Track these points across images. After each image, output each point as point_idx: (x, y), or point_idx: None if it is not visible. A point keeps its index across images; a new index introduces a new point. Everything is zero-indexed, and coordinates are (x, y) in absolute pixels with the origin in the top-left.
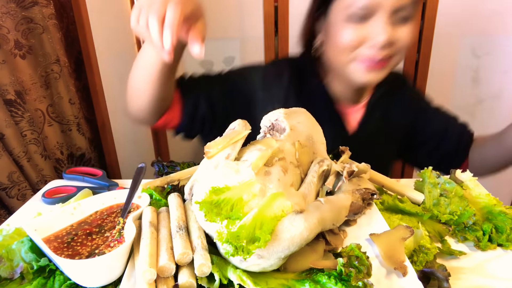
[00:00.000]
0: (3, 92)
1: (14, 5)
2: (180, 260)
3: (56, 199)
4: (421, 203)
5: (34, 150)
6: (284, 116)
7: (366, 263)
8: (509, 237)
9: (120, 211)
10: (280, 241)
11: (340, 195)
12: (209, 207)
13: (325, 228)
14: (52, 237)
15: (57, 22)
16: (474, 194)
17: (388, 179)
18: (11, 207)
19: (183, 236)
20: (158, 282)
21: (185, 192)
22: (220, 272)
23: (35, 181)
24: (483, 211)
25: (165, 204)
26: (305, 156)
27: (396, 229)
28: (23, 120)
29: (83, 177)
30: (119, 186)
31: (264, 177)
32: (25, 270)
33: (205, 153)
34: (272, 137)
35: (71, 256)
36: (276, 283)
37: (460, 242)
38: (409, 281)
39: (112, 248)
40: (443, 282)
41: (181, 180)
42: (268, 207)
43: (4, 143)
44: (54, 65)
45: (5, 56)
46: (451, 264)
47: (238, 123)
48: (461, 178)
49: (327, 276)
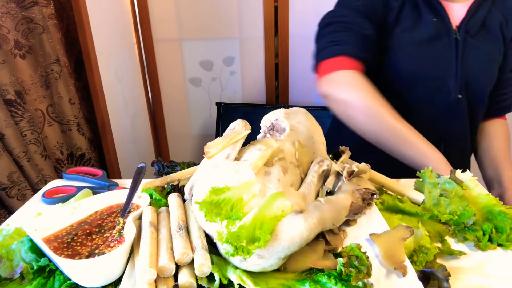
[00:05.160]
0: (3, 92)
1: (14, 5)
2: (180, 260)
3: (56, 199)
4: (421, 203)
5: (34, 150)
6: (284, 116)
7: (366, 263)
8: (509, 237)
9: (120, 211)
10: (280, 241)
11: (340, 195)
12: (209, 207)
13: (325, 228)
14: (52, 237)
15: (57, 22)
16: (474, 194)
17: (388, 179)
18: (11, 207)
19: (183, 236)
20: (158, 282)
21: (185, 192)
22: (220, 272)
23: (35, 181)
24: (483, 211)
25: (165, 204)
26: (305, 156)
27: (396, 229)
28: (23, 120)
29: (83, 177)
30: (119, 186)
31: (264, 177)
32: (25, 270)
33: (205, 153)
34: (272, 137)
35: (71, 256)
36: (276, 283)
37: (460, 242)
38: (409, 281)
39: (112, 248)
40: (443, 282)
41: (181, 180)
42: (268, 207)
43: (4, 143)
44: (54, 65)
45: (5, 56)
46: (451, 264)
47: (238, 123)
48: (461, 178)
49: (327, 276)
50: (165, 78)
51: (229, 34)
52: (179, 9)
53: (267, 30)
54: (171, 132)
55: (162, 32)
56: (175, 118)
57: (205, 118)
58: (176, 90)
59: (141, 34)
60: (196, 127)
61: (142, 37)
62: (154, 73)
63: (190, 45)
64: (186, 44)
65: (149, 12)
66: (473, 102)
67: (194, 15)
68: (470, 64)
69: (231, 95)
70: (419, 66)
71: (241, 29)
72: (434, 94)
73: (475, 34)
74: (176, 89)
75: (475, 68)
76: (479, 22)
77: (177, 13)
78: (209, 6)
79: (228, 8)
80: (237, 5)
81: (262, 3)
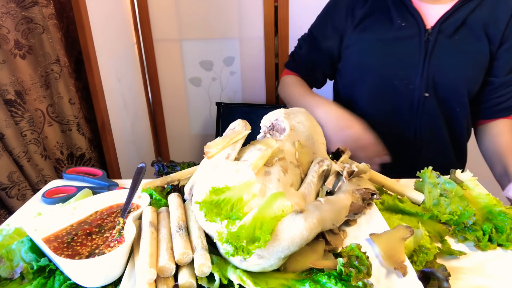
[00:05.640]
0: (3, 92)
1: (14, 5)
2: (180, 260)
3: (56, 199)
4: (421, 203)
5: (34, 150)
6: (284, 116)
7: (366, 263)
8: (509, 237)
9: (120, 211)
10: (280, 241)
11: (340, 195)
12: (209, 207)
13: (325, 228)
14: (52, 237)
15: (57, 22)
16: (474, 194)
17: (388, 179)
18: (11, 207)
19: (183, 236)
20: (158, 282)
21: (185, 192)
22: (220, 272)
23: (35, 181)
24: (483, 211)
25: (165, 204)
26: (305, 156)
27: (396, 229)
28: (23, 120)
29: (83, 177)
30: (119, 186)
31: (264, 177)
32: (25, 270)
33: (205, 153)
34: (272, 137)
35: (71, 256)
36: (276, 283)
37: (460, 242)
38: (409, 281)
39: (112, 248)
40: (443, 282)
41: (181, 180)
42: (268, 207)
43: (4, 143)
44: (54, 65)
45: (5, 56)
46: (451, 264)
47: (238, 123)
48: (461, 178)
49: (327, 276)
50: (165, 78)
51: (229, 34)
52: (179, 9)
53: (267, 30)
54: (171, 132)
55: (162, 32)
56: (175, 118)
57: (205, 118)
58: (176, 90)
59: (141, 34)
60: (196, 127)
61: (142, 37)
62: (154, 73)
63: (190, 45)
64: (186, 44)
65: (149, 12)
66: (445, 101)
67: (194, 15)
68: (439, 63)
69: (231, 95)
70: (385, 66)
71: (241, 29)
72: (401, 92)
73: (452, 34)
74: (176, 89)
75: (446, 67)
76: (459, 22)
77: (177, 13)
78: (209, 6)
79: (228, 8)
80: (237, 5)
81: (262, 3)
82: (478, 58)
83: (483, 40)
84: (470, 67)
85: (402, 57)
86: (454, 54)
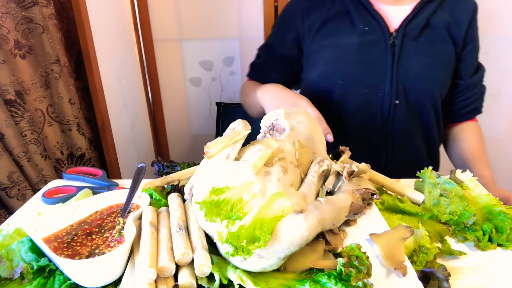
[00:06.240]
0: (3, 92)
1: (14, 5)
2: (180, 260)
3: (56, 199)
4: (421, 203)
5: (34, 150)
6: (284, 116)
7: (366, 263)
8: (509, 237)
9: (120, 211)
10: (280, 241)
11: (340, 195)
12: (209, 207)
13: (325, 228)
14: (52, 237)
15: (57, 22)
16: (474, 194)
17: (388, 179)
18: (11, 207)
19: (183, 236)
20: (158, 282)
21: (185, 192)
22: (220, 272)
23: (35, 181)
24: (483, 211)
25: (165, 204)
26: (305, 156)
27: (396, 229)
28: (23, 120)
29: (83, 177)
30: (119, 186)
31: (264, 177)
32: (25, 270)
33: (205, 153)
34: (272, 137)
35: (71, 256)
36: (276, 283)
37: (460, 242)
38: (409, 281)
39: (112, 248)
40: (443, 282)
41: (181, 180)
42: (268, 207)
43: (4, 143)
44: (54, 65)
45: (5, 56)
46: (451, 264)
47: (238, 123)
48: (461, 178)
49: (327, 276)
50: (165, 78)
51: (229, 34)
52: (179, 9)
53: (267, 30)
54: (171, 132)
55: (162, 32)
56: (175, 118)
57: (205, 118)
58: (176, 90)
59: (141, 34)
60: (196, 127)
61: (142, 37)
62: (154, 73)
63: (190, 45)
64: (186, 44)
65: (149, 12)
66: (417, 106)
67: (194, 15)
68: (408, 68)
69: (231, 95)
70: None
71: (241, 29)
72: (370, 100)
73: (417, 36)
74: (176, 89)
75: (415, 71)
76: (422, 23)
77: (177, 13)
78: (209, 6)
79: (228, 8)
80: (237, 5)
81: (262, 3)
82: (447, 59)
83: (448, 41)
84: (441, 69)
85: (369, 64)
86: (422, 57)
